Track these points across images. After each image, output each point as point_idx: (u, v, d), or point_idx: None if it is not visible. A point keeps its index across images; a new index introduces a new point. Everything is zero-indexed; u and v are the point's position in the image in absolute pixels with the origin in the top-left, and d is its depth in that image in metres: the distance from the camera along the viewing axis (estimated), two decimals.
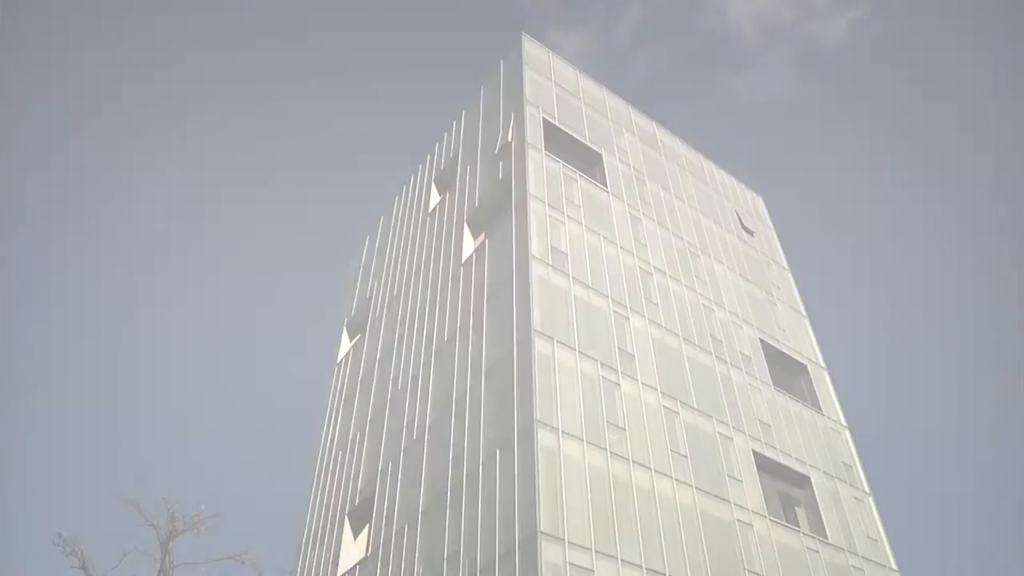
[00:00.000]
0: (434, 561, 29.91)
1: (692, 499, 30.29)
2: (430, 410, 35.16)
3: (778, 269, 48.85)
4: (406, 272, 45.85)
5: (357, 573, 35.95)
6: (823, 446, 39.01)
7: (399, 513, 34.08)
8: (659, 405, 32.28)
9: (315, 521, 42.68)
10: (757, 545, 31.23)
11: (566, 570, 24.78)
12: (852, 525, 36.34)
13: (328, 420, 47.49)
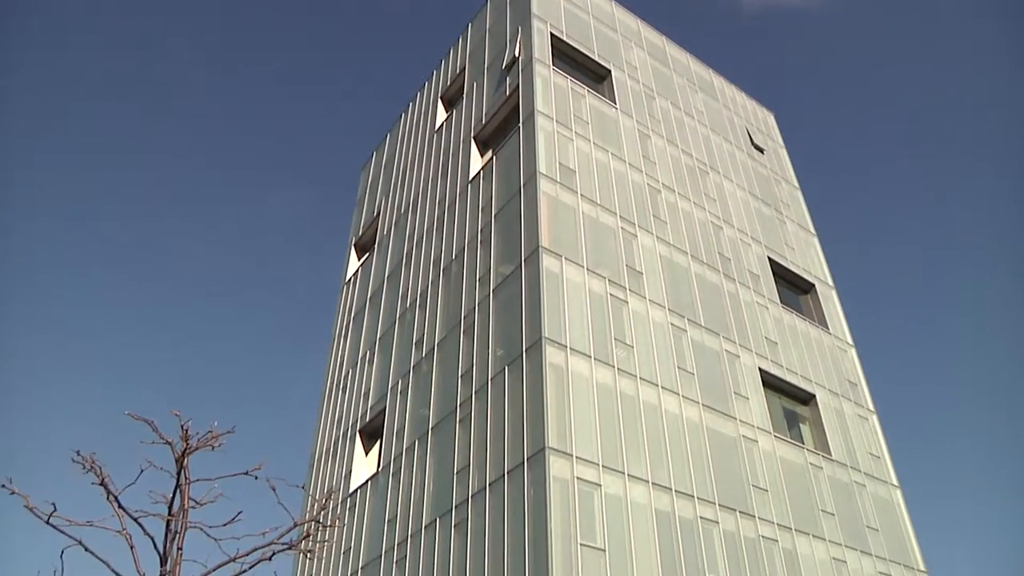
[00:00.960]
0: (444, 476, 30.38)
1: (698, 415, 30.58)
2: (438, 327, 35.34)
3: (788, 187, 48.48)
4: (413, 190, 45.64)
5: (369, 488, 36.57)
6: (829, 364, 39.22)
7: (409, 429, 34.53)
8: (666, 322, 32.36)
9: (326, 438, 43.30)
10: (761, 461, 31.61)
11: (573, 484, 25.14)
12: (855, 442, 36.74)
13: (337, 339, 47.85)
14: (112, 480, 6.71)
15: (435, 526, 29.59)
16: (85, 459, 6.45)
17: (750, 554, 28.40)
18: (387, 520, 33.44)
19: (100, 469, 6.66)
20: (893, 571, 33.14)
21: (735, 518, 28.88)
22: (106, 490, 6.57)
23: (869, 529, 33.64)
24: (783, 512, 30.71)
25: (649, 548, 25.75)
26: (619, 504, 25.94)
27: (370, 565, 33.60)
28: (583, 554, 23.94)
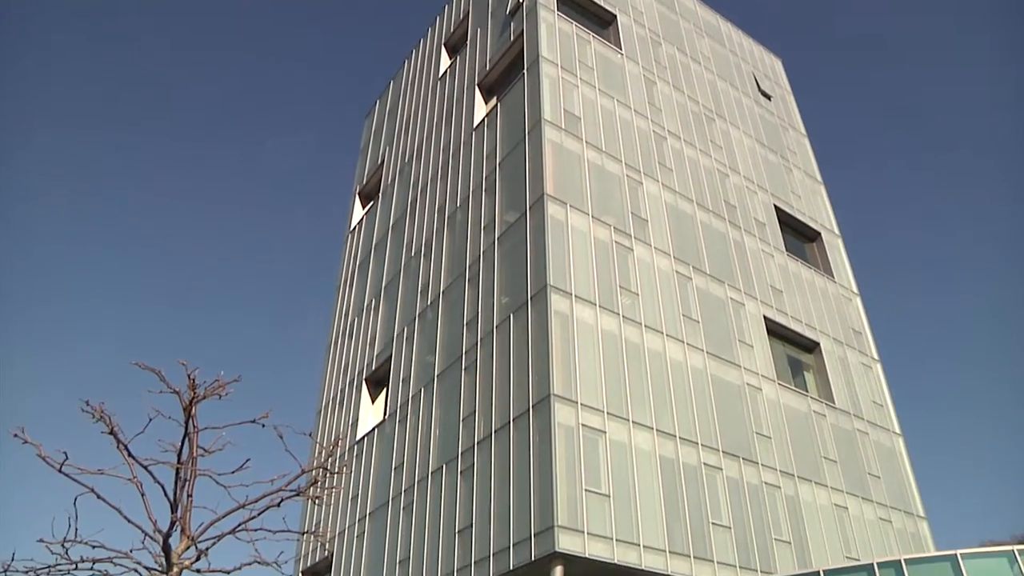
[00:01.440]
0: (450, 423, 30.60)
1: (703, 363, 30.67)
2: (444, 275, 35.34)
3: (795, 134, 48.04)
4: (418, 138, 45.33)
5: (375, 436, 36.88)
6: (834, 312, 39.22)
7: (415, 377, 34.71)
8: (671, 270, 32.30)
9: (333, 386, 43.57)
10: (765, 408, 31.78)
11: (578, 431, 25.31)
12: (859, 390, 36.87)
13: (342, 287, 47.92)
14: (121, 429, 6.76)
15: (442, 472, 29.88)
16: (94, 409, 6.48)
17: (753, 500, 28.68)
18: (394, 467, 33.78)
19: (109, 418, 6.70)
20: (893, 517, 33.47)
21: (738, 465, 29.11)
22: (116, 439, 6.62)
23: (871, 476, 33.92)
24: (786, 459, 30.94)
25: (653, 494, 26.00)
26: (623, 451, 26.14)
27: (377, 511, 34.01)
28: (588, 500, 24.19)
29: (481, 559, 25.83)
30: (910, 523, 34.24)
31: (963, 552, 21.34)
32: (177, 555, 6.84)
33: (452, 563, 27.29)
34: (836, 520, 31.07)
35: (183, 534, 6.88)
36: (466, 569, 26.39)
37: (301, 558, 39.15)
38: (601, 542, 23.87)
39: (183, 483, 6.80)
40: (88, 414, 6.45)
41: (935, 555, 24.74)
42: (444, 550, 28.06)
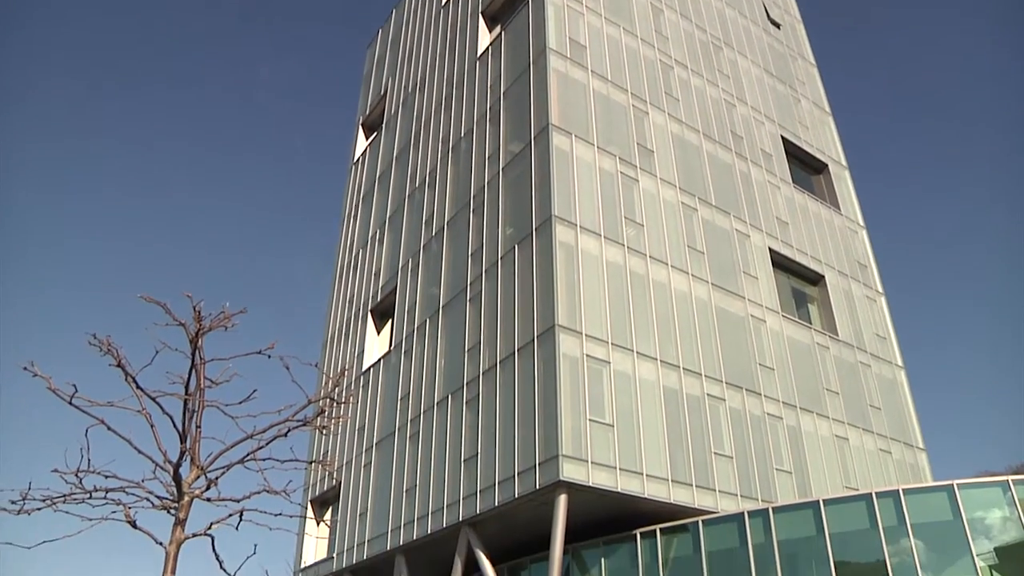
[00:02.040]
0: (455, 354, 30.78)
1: (707, 294, 30.68)
2: (448, 206, 35.20)
3: (804, 64, 47.29)
4: (420, 68, 44.72)
5: (381, 367, 37.14)
6: (839, 245, 39.09)
7: (420, 308, 34.81)
8: (677, 201, 32.13)
9: (339, 318, 43.76)
10: (769, 340, 31.88)
11: (583, 362, 25.45)
12: (862, 323, 36.94)
13: (346, 219, 47.81)
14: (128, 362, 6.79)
15: (447, 402, 30.16)
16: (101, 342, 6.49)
17: (755, 430, 28.96)
18: (400, 397, 34.09)
19: (116, 351, 6.73)
20: (893, 448, 33.82)
21: (741, 395, 29.33)
22: (124, 371, 6.65)
23: (872, 408, 34.17)
24: (788, 390, 31.15)
25: (656, 424, 26.25)
26: (627, 381, 26.32)
27: (384, 441, 34.42)
28: (592, 429, 24.44)
29: (486, 488, 26.21)
30: (909, 454, 34.61)
31: (959, 482, 21.62)
32: (187, 484, 6.93)
33: (458, 492, 27.70)
34: (836, 451, 31.40)
35: (193, 464, 6.96)
36: (472, 498, 26.80)
37: (309, 487, 39.75)
38: (605, 471, 24.18)
39: (191, 414, 6.84)
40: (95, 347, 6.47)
41: (932, 485, 25.06)
42: (450, 479, 28.46)
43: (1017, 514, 20.84)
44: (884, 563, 21.27)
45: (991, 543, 20.92)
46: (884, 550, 21.36)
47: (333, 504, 39.03)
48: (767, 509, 23.80)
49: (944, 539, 21.31)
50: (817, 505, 22.94)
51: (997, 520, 21.19)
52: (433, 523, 28.73)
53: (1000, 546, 20.85)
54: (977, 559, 20.49)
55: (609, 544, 26.13)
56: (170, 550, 6.56)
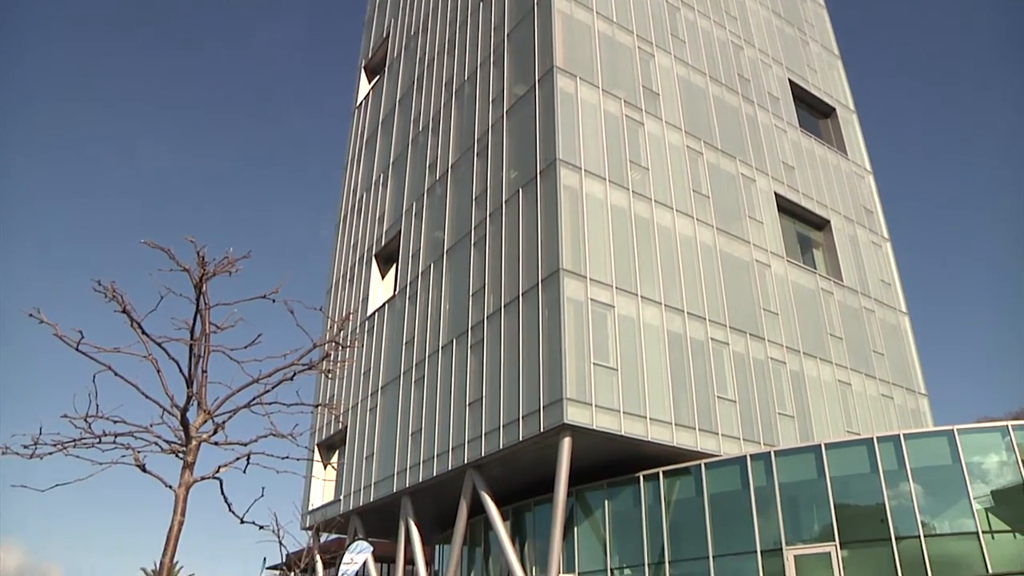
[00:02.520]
0: (459, 298, 30.84)
1: (712, 239, 30.61)
2: (452, 150, 34.98)
3: (812, 5, 46.51)
4: (423, 10, 44.08)
5: (386, 311, 37.26)
6: (845, 190, 38.85)
7: (424, 253, 34.80)
8: (682, 145, 31.88)
9: (343, 263, 43.79)
10: (773, 285, 31.87)
11: (587, 306, 25.49)
12: (867, 269, 36.88)
13: (350, 163, 47.58)
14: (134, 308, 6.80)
15: (452, 347, 30.30)
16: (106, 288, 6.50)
17: (758, 375, 29.09)
18: (405, 342, 34.25)
19: (121, 297, 6.73)
20: (895, 394, 34.00)
21: (745, 340, 29.42)
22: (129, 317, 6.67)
23: (875, 353, 34.28)
24: (792, 335, 31.23)
25: (660, 368, 26.38)
26: (632, 325, 26.39)
27: (389, 385, 34.67)
28: (596, 373, 24.58)
29: (491, 431, 26.45)
30: (911, 400, 34.80)
31: (959, 427, 21.79)
32: (195, 429, 6.99)
33: (463, 435, 27.97)
34: (839, 395, 31.58)
35: (200, 408, 7.02)
36: (477, 441, 27.06)
37: (316, 431, 40.18)
38: (608, 414, 24.36)
39: (197, 359, 6.88)
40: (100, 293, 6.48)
41: (933, 430, 25.26)
42: (455, 422, 28.72)
43: (1015, 458, 21.05)
44: (883, 506, 21.53)
45: (988, 487, 21.17)
46: (884, 493, 21.60)
47: (340, 448, 39.46)
48: (769, 453, 24.02)
49: (943, 483, 21.54)
50: (819, 449, 23.15)
51: (994, 464, 21.40)
52: (439, 466, 29.06)
53: (997, 489, 21.09)
54: (974, 502, 20.74)
55: (612, 486, 26.45)
56: (179, 493, 6.65)
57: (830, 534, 21.95)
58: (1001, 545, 20.41)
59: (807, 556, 22.11)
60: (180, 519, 6.64)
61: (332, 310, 42.36)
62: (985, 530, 20.47)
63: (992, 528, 20.56)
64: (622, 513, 26.10)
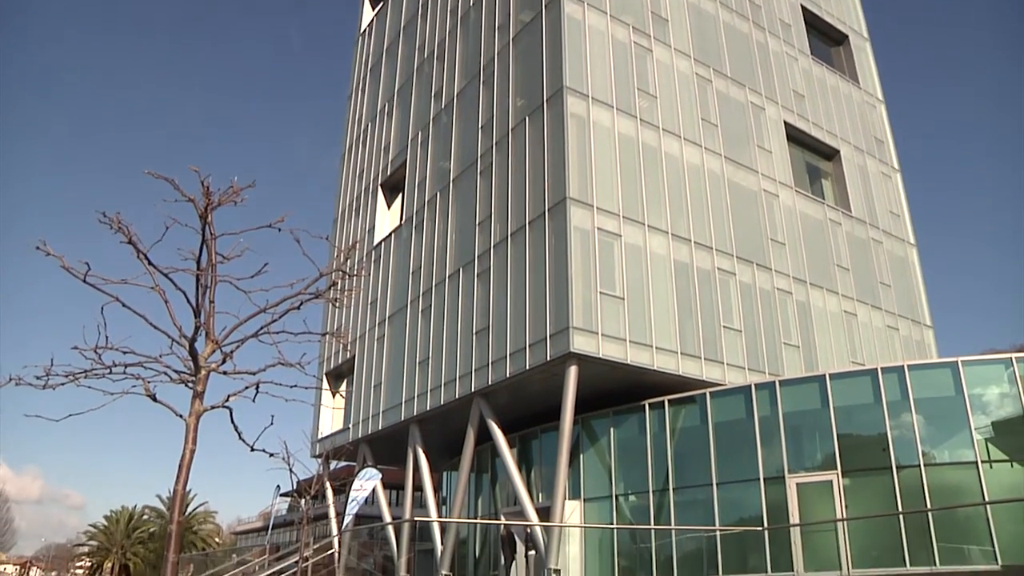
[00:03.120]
0: (466, 227, 30.79)
1: (720, 168, 30.38)
2: (457, 78, 34.54)
3: None
4: None
5: (392, 241, 37.24)
6: (856, 119, 38.36)
7: (431, 182, 34.64)
8: (691, 72, 31.42)
9: (349, 193, 43.64)
10: (781, 215, 31.72)
11: (594, 235, 25.44)
12: (876, 199, 36.62)
13: (355, 92, 47.05)
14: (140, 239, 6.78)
15: (458, 276, 30.36)
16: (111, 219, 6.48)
17: (764, 305, 29.15)
18: (411, 271, 34.31)
19: (127, 228, 6.72)
20: (900, 325, 34.08)
21: (752, 270, 29.40)
22: (135, 248, 6.66)
23: (882, 285, 34.26)
24: (799, 266, 31.20)
25: (666, 298, 26.44)
26: (638, 254, 26.38)
27: (396, 315, 34.84)
28: (602, 302, 24.65)
29: (498, 360, 26.64)
30: (916, 331, 34.88)
31: (963, 359, 21.87)
32: (203, 358, 7.04)
33: (470, 364, 28.18)
34: (844, 326, 31.66)
35: (208, 338, 7.06)
36: (484, 370, 27.28)
37: (324, 361, 40.52)
38: (615, 343, 24.50)
39: (204, 289, 6.90)
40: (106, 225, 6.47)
41: (937, 362, 25.38)
42: (462, 351, 28.92)
43: (1017, 390, 21.17)
44: (885, 436, 21.74)
45: (989, 418, 21.34)
46: (886, 423, 21.80)
47: (348, 377, 39.84)
48: (774, 382, 24.19)
49: (945, 414, 21.71)
50: (823, 379, 23.30)
51: (996, 396, 21.54)
52: (446, 394, 29.36)
53: (997, 421, 21.27)
54: (975, 433, 20.93)
55: (618, 414, 26.73)
56: (190, 422, 6.73)
57: (832, 463, 22.22)
58: (999, 474, 20.66)
59: (809, 484, 22.43)
60: (191, 447, 6.73)
61: (338, 240, 42.33)
62: (984, 460, 20.70)
63: (991, 458, 20.79)
64: (627, 441, 26.42)
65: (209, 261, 6.91)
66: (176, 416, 6.96)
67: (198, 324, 6.89)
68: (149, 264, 6.67)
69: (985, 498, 20.28)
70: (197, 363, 7.04)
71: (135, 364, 7.01)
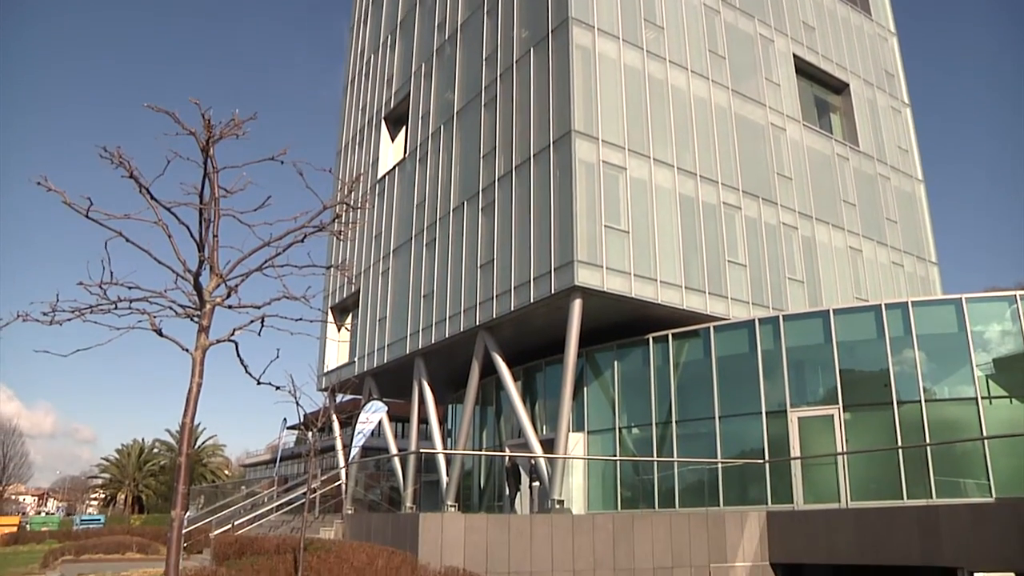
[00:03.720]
0: (470, 161, 30.59)
1: (727, 101, 30.03)
2: (461, 8, 33.93)
3: None
4: None
5: (396, 174, 37.05)
6: (867, 53, 37.74)
7: (435, 114, 34.32)
8: (699, 3, 30.81)
9: (352, 126, 43.27)
10: (788, 149, 31.44)
11: (599, 167, 25.28)
12: (885, 134, 36.23)
13: (357, 23, 46.33)
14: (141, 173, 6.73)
15: (463, 209, 30.27)
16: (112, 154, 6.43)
17: (769, 240, 29.08)
18: (415, 205, 34.20)
19: (128, 162, 6.66)
20: (906, 262, 34.01)
21: (757, 204, 29.27)
22: (137, 182, 6.62)
23: (888, 221, 34.10)
24: (805, 201, 31.03)
25: (671, 231, 26.38)
26: (643, 188, 26.25)
27: (400, 248, 34.83)
28: (607, 235, 24.60)
29: (502, 293, 26.71)
30: (921, 268, 34.83)
31: (967, 296, 21.88)
32: (208, 292, 7.06)
33: (475, 297, 28.26)
34: (849, 262, 31.61)
35: (212, 273, 7.06)
36: (488, 303, 27.36)
37: (329, 295, 40.65)
38: (619, 277, 24.52)
39: (207, 223, 6.87)
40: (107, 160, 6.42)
41: (941, 298, 25.39)
42: (467, 285, 28.98)
43: (1019, 328, 21.22)
44: (887, 371, 21.87)
45: (990, 355, 21.43)
46: (888, 359, 21.91)
47: (353, 311, 40.03)
48: (777, 317, 24.27)
49: (947, 350, 21.81)
50: (827, 314, 23.36)
51: (998, 333, 21.60)
52: (451, 328, 29.50)
53: (999, 358, 21.37)
54: (976, 370, 21.04)
55: (622, 348, 26.90)
56: (196, 356, 6.77)
57: (834, 397, 22.40)
58: (998, 410, 20.84)
59: (810, 418, 22.65)
60: (198, 381, 6.79)
61: (342, 173, 42.12)
62: (984, 396, 20.85)
63: (991, 394, 20.94)
64: (631, 374, 26.63)
65: (212, 195, 6.87)
66: (182, 350, 7.00)
67: (202, 258, 6.89)
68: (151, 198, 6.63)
69: (983, 434, 20.48)
70: (202, 297, 7.05)
71: (140, 299, 7.03)
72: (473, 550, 16.35)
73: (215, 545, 19.12)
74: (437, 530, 16.25)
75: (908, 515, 16.79)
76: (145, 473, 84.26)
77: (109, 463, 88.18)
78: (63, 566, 23.35)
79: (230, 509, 31.91)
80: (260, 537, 18.82)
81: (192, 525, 28.00)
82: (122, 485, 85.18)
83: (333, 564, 13.45)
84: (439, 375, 33.09)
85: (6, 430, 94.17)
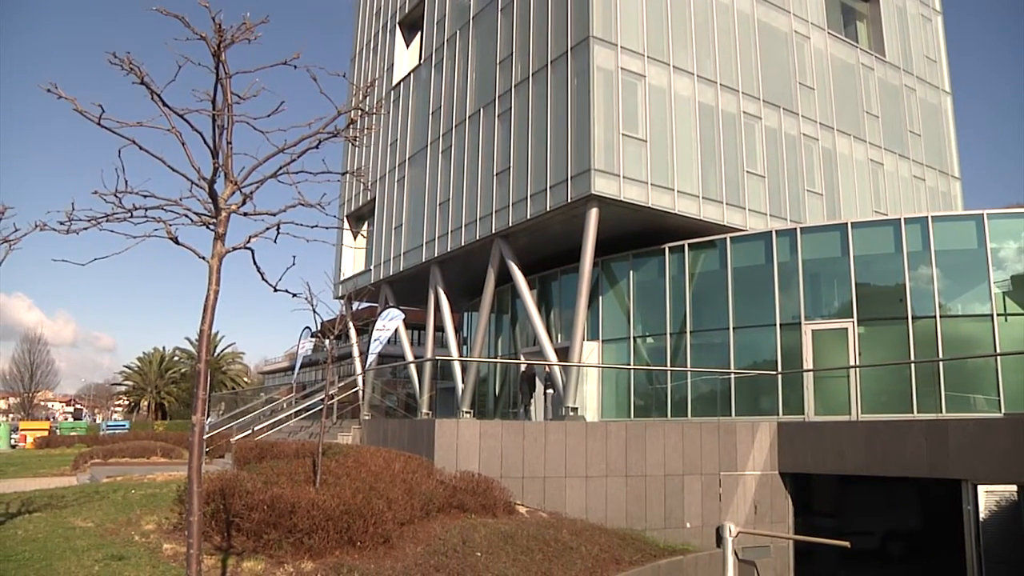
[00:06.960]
0: (486, 66, 30.10)
1: (750, 7, 29.25)
2: None
3: None
4: None
5: (412, 81, 36.54)
6: None
7: (450, 19, 33.64)
8: None
9: (366, 31, 42.50)
10: (811, 58, 30.75)
11: (617, 75, 24.85)
12: (912, 44, 35.28)
13: None
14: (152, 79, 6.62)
15: (479, 116, 29.93)
16: (122, 60, 6.31)
17: (789, 151, 28.71)
18: (431, 112, 33.82)
19: (139, 68, 6.55)
20: (927, 176, 33.54)
21: (778, 115, 28.80)
22: (148, 89, 6.51)
23: (911, 134, 33.49)
24: (827, 111, 30.49)
25: (690, 141, 26.07)
26: (662, 96, 25.84)
27: (416, 156, 34.59)
28: (624, 144, 24.34)
29: (518, 201, 26.60)
30: (943, 183, 34.36)
31: (989, 212, 21.62)
32: (223, 200, 7.01)
33: (491, 205, 28.16)
34: (870, 175, 31.21)
35: (227, 180, 7.00)
36: (504, 211, 27.27)
37: (345, 203, 40.59)
38: (636, 186, 24.35)
39: (221, 130, 6.78)
40: (117, 66, 6.30)
41: (961, 214, 25.14)
42: (483, 192, 28.85)
43: None
44: (903, 286, 21.81)
45: (1008, 272, 21.28)
46: (905, 274, 21.82)
47: (368, 218, 40.01)
48: (795, 229, 24.11)
49: (965, 266, 21.69)
50: (844, 227, 23.19)
51: (1017, 251, 21.40)
52: (467, 235, 29.49)
53: (1017, 275, 21.23)
54: (994, 287, 20.95)
55: (638, 257, 26.89)
56: (212, 263, 6.77)
57: (848, 311, 22.40)
58: (1012, 327, 20.82)
59: (824, 331, 22.70)
60: (215, 288, 6.80)
61: (356, 80, 41.58)
62: (1000, 313, 20.81)
63: (1007, 311, 20.88)
64: (646, 284, 26.67)
65: (225, 101, 6.77)
66: (199, 258, 7.00)
67: (216, 165, 6.82)
68: (164, 105, 6.54)
69: (997, 349, 20.51)
70: (217, 205, 7.02)
71: (155, 207, 7.00)
72: (488, 455, 16.66)
73: (236, 450, 19.56)
74: (452, 436, 16.54)
75: (917, 428, 16.95)
76: (167, 380, 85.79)
77: (131, 371, 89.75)
78: (92, 468, 24.11)
79: (250, 415, 32.55)
80: (279, 442, 19.23)
81: (213, 431, 28.63)
82: (144, 392, 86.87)
83: (351, 468, 13.74)
84: (455, 283, 33.23)
85: (32, 339, 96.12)
